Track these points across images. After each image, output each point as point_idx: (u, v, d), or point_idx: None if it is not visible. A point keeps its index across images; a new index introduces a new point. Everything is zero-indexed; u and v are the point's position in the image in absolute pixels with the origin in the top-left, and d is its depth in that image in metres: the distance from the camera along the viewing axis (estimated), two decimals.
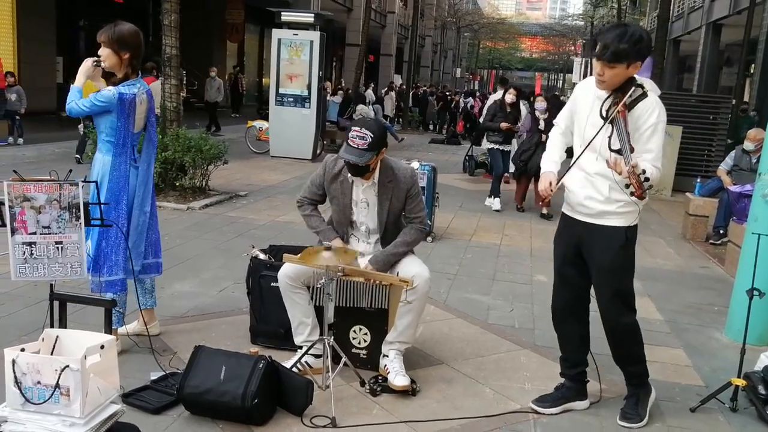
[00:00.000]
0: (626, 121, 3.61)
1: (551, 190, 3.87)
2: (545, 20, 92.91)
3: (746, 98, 20.45)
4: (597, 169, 3.79)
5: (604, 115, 3.69)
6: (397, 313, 4.24)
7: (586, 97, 3.87)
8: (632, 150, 3.53)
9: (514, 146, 11.41)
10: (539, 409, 4.13)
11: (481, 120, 18.10)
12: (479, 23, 61.83)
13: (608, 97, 3.72)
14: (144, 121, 4.55)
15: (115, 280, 4.41)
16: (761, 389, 4.26)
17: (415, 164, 7.27)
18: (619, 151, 3.58)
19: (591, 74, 3.99)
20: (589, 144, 3.78)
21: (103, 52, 4.39)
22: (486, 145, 11.10)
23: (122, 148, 4.39)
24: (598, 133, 3.70)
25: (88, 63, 4.37)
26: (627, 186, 3.56)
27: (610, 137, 3.67)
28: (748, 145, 9.69)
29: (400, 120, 28.40)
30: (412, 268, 4.24)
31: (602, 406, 4.21)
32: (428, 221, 8.20)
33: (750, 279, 4.46)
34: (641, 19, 42.69)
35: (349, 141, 4.10)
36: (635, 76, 3.69)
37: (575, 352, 4.19)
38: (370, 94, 27.02)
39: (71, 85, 4.44)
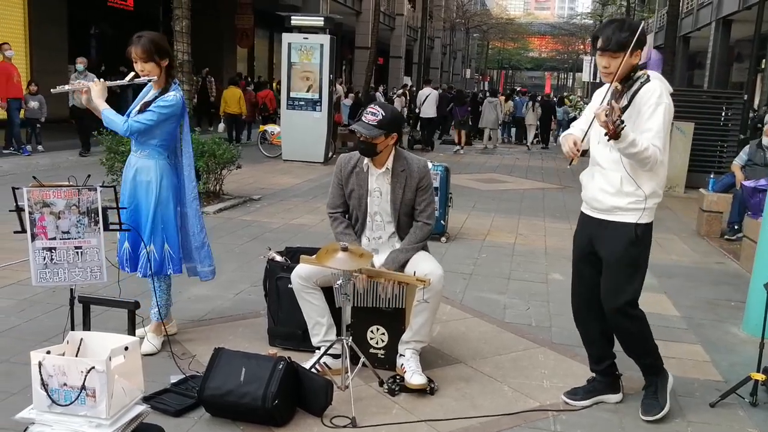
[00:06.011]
0: (618, 94, 3.71)
1: (577, 150, 3.83)
2: (554, 20, 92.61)
3: (757, 94, 20.34)
4: (610, 161, 3.82)
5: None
6: (412, 312, 4.26)
7: (600, 96, 3.89)
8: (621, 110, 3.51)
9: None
10: (571, 402, 4.13)
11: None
12: (488, 24, 61.83)
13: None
14: None
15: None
16: None
17: (428, 165, 7.25)
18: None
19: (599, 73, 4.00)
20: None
21: (146, 66, 4.37)
22: None
23: (172, 151, 4.57)
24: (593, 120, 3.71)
25: (98, 86, 4.30)
26: (606, 135, 3.49)
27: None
28: (766, 140, 9.65)
29: (410, 122, 28.20)
30: (425, 266, 4.25)
31: (621, 402, 4.20)
32: (442, 222, 8.24)
33: (767, 273, 4.43)
34: (650, 16, 42.53)
35: (362, 117, 4.26)
36: (642, 67, 3.77)
37: (598, 348, 4.19)
38: (380, 96, 26.99)
39: (103, 112, 4.31)
